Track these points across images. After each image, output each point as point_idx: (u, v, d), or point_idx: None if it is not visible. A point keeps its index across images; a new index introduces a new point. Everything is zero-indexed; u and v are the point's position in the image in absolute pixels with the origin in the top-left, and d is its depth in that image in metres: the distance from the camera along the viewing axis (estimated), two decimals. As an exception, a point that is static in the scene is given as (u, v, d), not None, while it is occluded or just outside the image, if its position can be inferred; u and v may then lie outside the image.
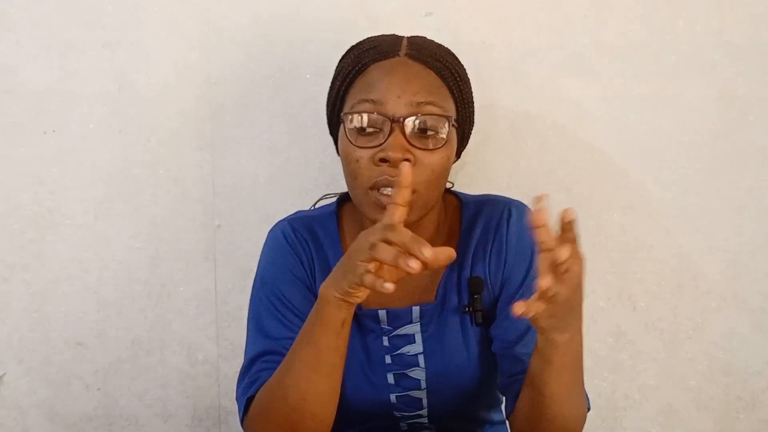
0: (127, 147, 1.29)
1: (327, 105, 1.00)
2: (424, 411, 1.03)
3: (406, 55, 0.93)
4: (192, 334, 1.35)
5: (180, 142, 1.29)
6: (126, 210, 1.31)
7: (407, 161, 0.87)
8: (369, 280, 0.77)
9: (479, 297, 0.98)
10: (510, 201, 1.02)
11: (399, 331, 1.00)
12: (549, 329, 0.78)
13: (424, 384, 1.01)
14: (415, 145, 0.89)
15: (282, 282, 1.00)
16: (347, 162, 0.92)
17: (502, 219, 1.00)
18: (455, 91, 0.94)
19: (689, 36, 1.22)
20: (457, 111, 0.95)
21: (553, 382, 0.84)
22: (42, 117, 1.28)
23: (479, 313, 0.98)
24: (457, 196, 1.06)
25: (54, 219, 1.30)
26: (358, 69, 0.93)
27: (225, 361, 1.35)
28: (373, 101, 0.90)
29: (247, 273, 1.31)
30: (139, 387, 1.36)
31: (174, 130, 1.29)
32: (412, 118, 0.89)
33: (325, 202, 1.12)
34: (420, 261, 0.72)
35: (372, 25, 1.21)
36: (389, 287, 0.75)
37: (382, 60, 0.93)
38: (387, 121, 0.89)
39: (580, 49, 1.24)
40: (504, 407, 1.03)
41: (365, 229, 0.81)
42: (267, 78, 1.27)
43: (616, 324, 1.31)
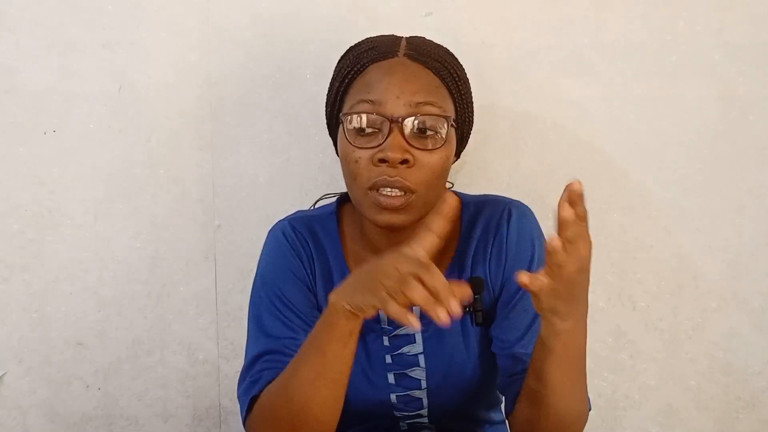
0: (127, 147, 1.29)
1: (326, 105, 1.00)
2: (424, 411, 1.03)
3: (405, 56, 0.93)
4: (192, 334, 1.35)
5: (180, 142, 1.29)
6: (126, 210, 1.31)
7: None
8: (395, 311, 0.75)
9: (479, 297, 0.98)
10: (510, 201, 1.02)
11: (399, 331, 1.00)
12: (551, 312, 0.78)
13: (424, 384, 1.01)
14: (414, 146, 0.89)
15: (282, 281, 1.00)
16: (346, 162, 0.92)
17: (502, 219, 0.99)
18: (454, 92, 0.94)
19: (689, 36, 1.22)
20: (456, 111, 0.95)
21: (554, 372, 0.83)
22: (42, 117, 1.28)
23: (479, 313, 0.98)
24: (457, 196, 1.06)
25: (54, 219, 1.30)
26: (357, 69, 0.93)
27: (225, 361, 1.35)
28: (372, 102, 0.90)
29: (247, 273, 1.31)
30: (139, 387, 1.36)
31: (174, 130, 1.29)
32: (411, 118, 0.89)
33: (325, 202, 1.12)
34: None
35: (372, 25, 1.21)
36: (417, 327, 0.74)
37: (381, 60, 0.93)
38: (386, 122, 0.89)
39: (580, 49, 1.24)
40: (504, 407, 1.03)
41: (394, 248, 0.78)
42: (267, 78, 1.27)
43: (616, 324, 1.31)
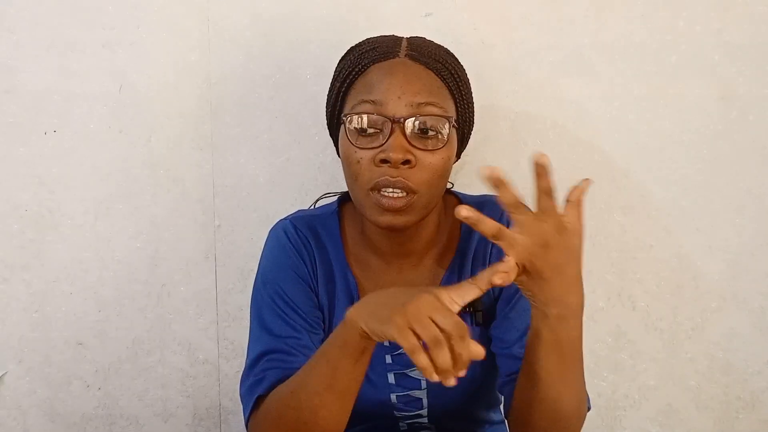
0: (127, 147, 1.29)
1: (327, 106, 1.00)
2: (424, 411, 1.03)
3: (406, 56, 0.93)
4: (192, 334, 1.35)
5: (180, 142, 1.29)
6: (126, 210, 1.30)
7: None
8: (422, 362, 0.72)
9: (480, 297, 0.98)
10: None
11: (399, 332, 1.00)
12: (529, 289, 0.79)
13: (424, 384, 1.01)
14: (416, 146, 0.89)
15: (284, 280, 1.00)
16: (348, 163, 0.92)
17: (502, 219, 0.99)
18: (455, 92, 0.94)
19: (689, 36, 1.22)
20: (457, 112, 0.95)
21: (544, 359, 0.83)
22: (42, 117, 1.27)
23: (479, 314, 0.98)
24: (457, 196, 1.06)
25: (54, 219, 1.30)
26: (358, 70, 0.93)
27: (225, 361, 1.35)
28: (374, 102, 0.90)
29: (248, 273, 1.31)
30: (140, 387, 1.36)
31: (174, 130, 1.28)
32: (412, 118, 0.89)
33: (326, 201, 1.12)
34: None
35: (372, 26, 1.22)
36: (435, 378, 0.73)
37: (382, 61, 0.93)
38: (387, 122, 0.89)
39: (580, 49, 1.24)
40: (503, 407, 1.03)
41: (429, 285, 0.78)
42: (267, 78, 1.27)
43: (616, 324, 1.31)
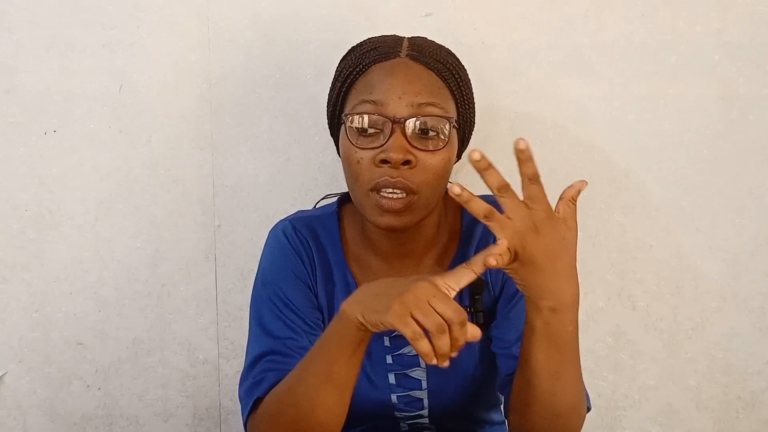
0: (127, 147, 1.29)
1: (327, 106, 0.99)
2: (424, 411, 1.03)
3: (407, 56, 0.93)
4: (192, 334, 1.35)
5: (180, 142, 1.29)
6: (126, 210, 1.30)
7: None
8: (424, 348, 0.73)
9: (480, 298, 0.98)
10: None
11: (400, 332, 1.00)
12: (522, 278, 0.79)
13: (425, 384, 1.01)
14: (416, 146, 0.89)
15: (283, 281, 1.00)
16: (348, 163, 0.92)
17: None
18: (456, 92, 0.94)
19: (689, 36, 1.22)
20: (458, 112, 0.95)
21: (537, 352, 0.83)
22: (42, 117, 1.27)
23: (480, 314, 0.98)
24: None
25: (54, 219, 1.30)
26: (359, 70, 0.93)
27: (225, 361, 1.35)
28: (374, 102, 0.90)
29: (247, 273, 1.31)
30: (140, 387, 1.36)
31: (174, 130, 1.28)
32: (413, 119, 0.89)
33: (327, 201, 1.12)
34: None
35: (372, 26, 1.22)
36: (434, 361, 0.74)
37: (382, 61, 0.93)
38: (388, 122, 0.89)
39: (579, 49, 1.24)
40: (503, 407, 1.03)
41: (429, 276, 0.78)
42: (267, 78, 1.27)
43: (616, 324, 1.30)
